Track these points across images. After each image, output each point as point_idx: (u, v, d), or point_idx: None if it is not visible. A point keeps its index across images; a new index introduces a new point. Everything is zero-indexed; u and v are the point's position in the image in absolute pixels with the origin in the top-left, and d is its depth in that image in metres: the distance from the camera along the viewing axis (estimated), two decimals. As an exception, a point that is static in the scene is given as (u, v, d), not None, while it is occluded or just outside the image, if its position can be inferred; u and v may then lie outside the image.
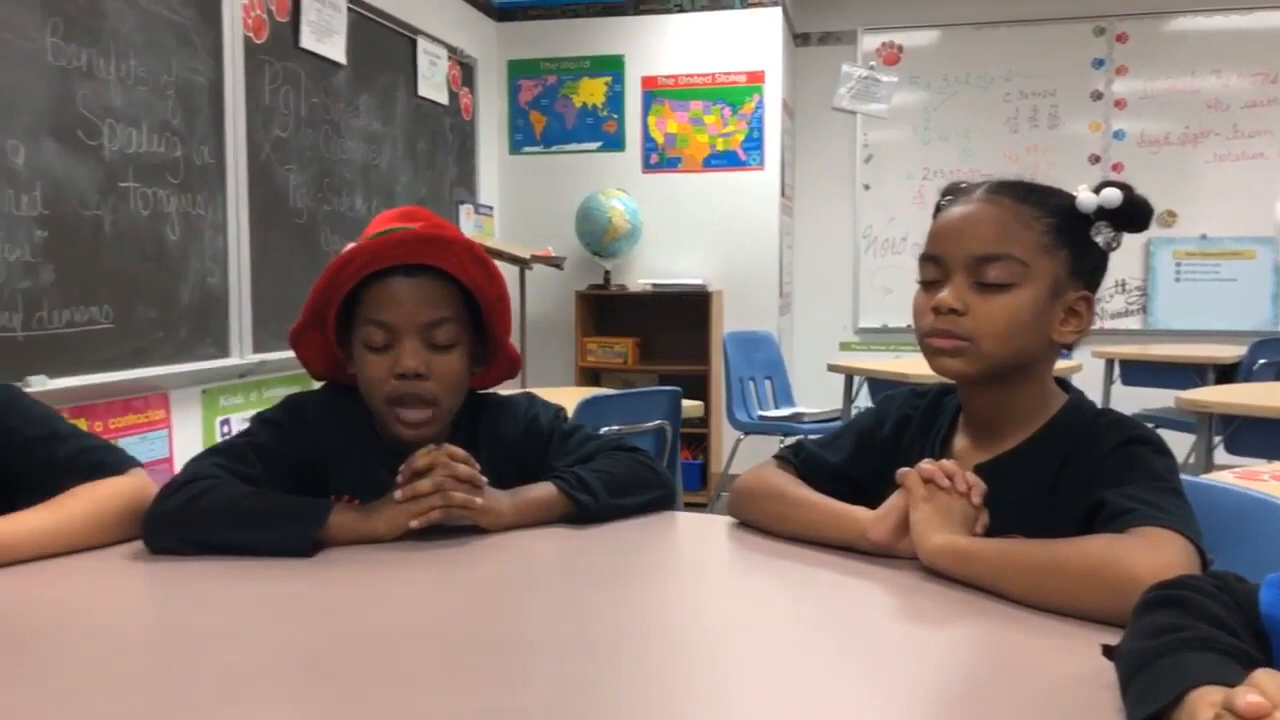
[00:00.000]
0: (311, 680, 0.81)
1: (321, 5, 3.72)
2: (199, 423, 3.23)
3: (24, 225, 2.49)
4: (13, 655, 0.88)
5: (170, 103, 2.98)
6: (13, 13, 2.44)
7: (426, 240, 1.26)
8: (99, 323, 2.74)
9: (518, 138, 5.48)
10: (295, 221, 3.64)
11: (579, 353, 5.21)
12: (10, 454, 1.20)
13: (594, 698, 0.76)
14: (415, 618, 0.97)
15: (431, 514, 1.18)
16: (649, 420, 2.69)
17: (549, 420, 1.41)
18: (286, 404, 1.35)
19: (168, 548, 1.16)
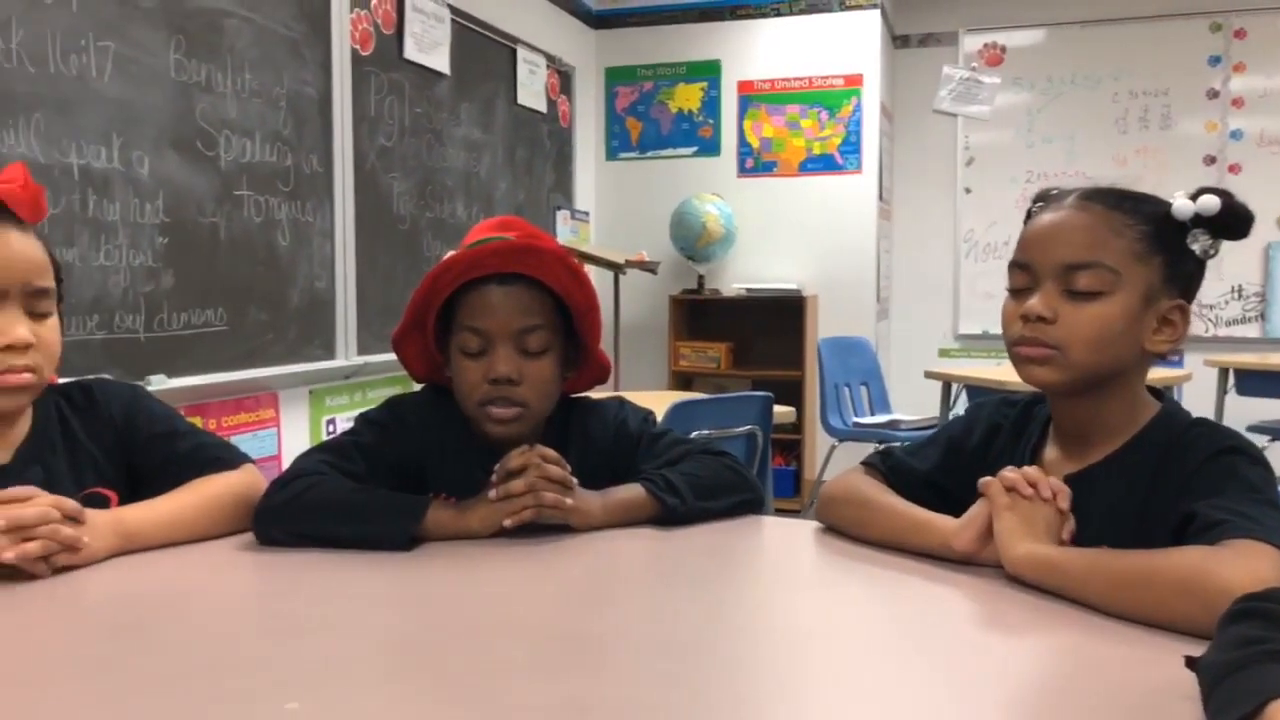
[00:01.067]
0: (410, 666, 0.85)
1: (425, 17, 3.83)
2: (306, 421, 3.36)
3: (147, 232, 2.63)
4: (134, 635, 0.95)
5: (282, 114, 3.11)
6: (141, 33, 2.58)
7: (521, 250, 1.30)
8: (214, 325, 2.88)
9: (614, 144, 5.54)
10: (398, 228, 3.75)
11: (671, 357, 5.24)
12: (135, 449, 1.29)
13: (679, 692, 0.79)
14: (507, 610, 1.01)
15: (524, 513, 1.22)
16: (740, 425, 2.70)
17: (638, 424, 1.44)
18: (388, 405, 1.41)
19: (275, 539, 1.23)
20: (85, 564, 1.11)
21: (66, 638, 0.96)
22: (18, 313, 1.15)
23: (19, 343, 1.14)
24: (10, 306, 1.15)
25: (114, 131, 2.51)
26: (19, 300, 1.16)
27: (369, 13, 3.53)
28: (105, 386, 1.32)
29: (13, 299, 1.15)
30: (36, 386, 1.19)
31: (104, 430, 1.28)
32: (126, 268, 2.57)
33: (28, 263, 1.17)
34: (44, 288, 1.18)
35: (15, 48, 2.25)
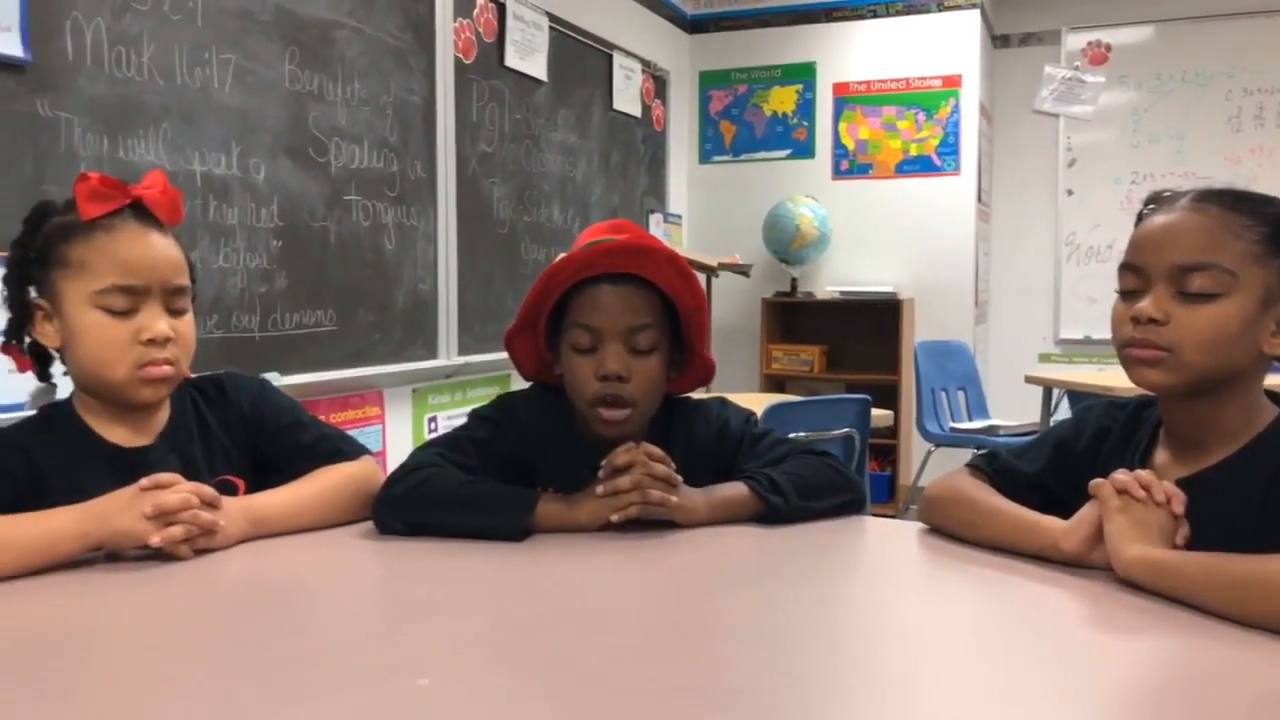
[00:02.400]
0: (525, 649, 0.89)
1: (525, 25, 3.91)
2: (409, 419, 3.46)
3: (262, 236, 2.75)
4: (268, 615, 1.01)
5: (389, 121, 3.21)
6: (259, 45, 2.70)
7: (632, 250, 1.34)
8: (324, 325, 2.99)
9: (707, 147, 5.56)
10: (498, 232, 3.84)
11: (764, 360, 5.24)
12: (262, 439, 1.36)
13: (786, 683, 0.81)
14: (616, 600, 1.05)
15: (630, 509, 1.25)
16: (836, 428, 2.70)
17: (739, 424, 1.46)
18: (499, 402, 1.46)
19: (394, 528, 1.28)
20: (220, 548, 1.18)
21: (208, 616, 1.02)
22: (159, 309, 1.23)
23: (160, 337, 1.22)
24: (152, 303, 1.23)
25: (233, 140, 2.63)
26: (159, 298, 1.23)
27: (471, 21, 3.62)
28: (235, 380, 1.40)
29: (154, 296, 1.23)
30: (175, 378, 1.27)
31: (234, 421, 1.36)
32: (243, 269, 2.69)
33: (168, 262, 1.25)
34: (182, 285, 1.26)
35: (146, 61, 2.38)
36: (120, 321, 1.21)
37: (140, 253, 1.22)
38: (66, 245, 1.22)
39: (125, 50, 2.33)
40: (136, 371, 1.22)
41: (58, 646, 0.92)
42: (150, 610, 1.02)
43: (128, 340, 1.21)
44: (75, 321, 1.21)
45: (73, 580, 1.09)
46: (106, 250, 1.21)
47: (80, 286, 1.21)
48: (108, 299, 1.20)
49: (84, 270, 1.21)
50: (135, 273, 1.21)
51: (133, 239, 1.22)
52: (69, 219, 1.23)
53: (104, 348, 1.21)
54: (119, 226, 1.22)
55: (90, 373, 1.23)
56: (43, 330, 1.24)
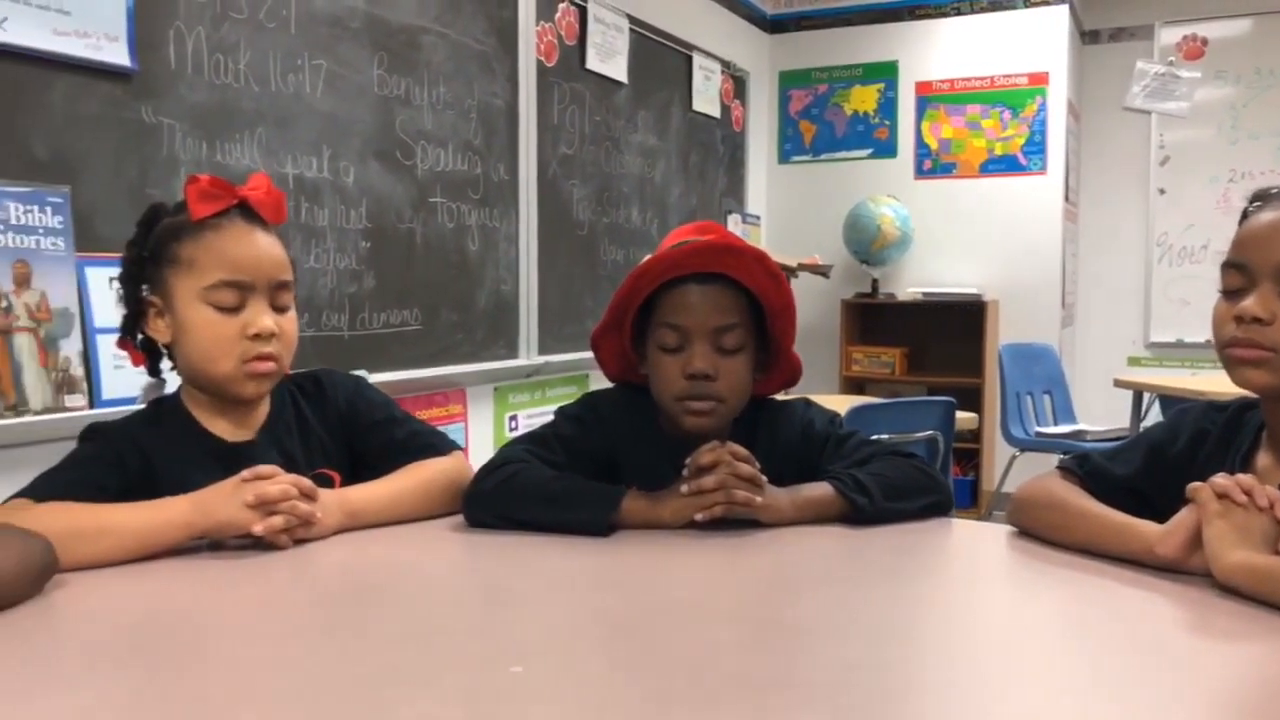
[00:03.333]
0: (616, 640, 0.91)
1: (606, 27, 3.94)
2: (491, 417, 3.52)
3: (352, 237, 2.82)
4: (365, 603, 1.05)
5: (473, 125, 3.27)
6: (350, 51, 2.77)
7: (719, 250, 1.35)
8: (409, 325, 3.05)
9: (787, 147, 5.54)
10: (577, 233, 3.87)
11: (844, 362, 5.19)
12: (357, 433, 1.40)
13: (874, 679, 0.81)
14: (704, 594, 1.05)
15: (715, 509, 1.26)
16: (919, 431, 2.67)
17: (824, 425, 1.46)
18: (585, 401, 1.48)
19: (483, 522, 1.31)
20: (317, 538, 1.22)
21: (308, 603, 1.06)
22: (264, 305, 1.28)
23: (265, 332, 1.26)
24: (258, 300, 1.27)
25: (324, 143, 2.71)
26: (265, 294, 1.28)
27: (553, 25, 3.66)
28: (332, 376, 1.44)
29: (259, 292, 1.27)
30: (278, 374, 1.31)
31: (331, 416, 1.40)
32: (333, 270, 2.76)
33: (273, 259, 1.29)
34: (286, 281, 1.31)
35: (243, 68, 2.46)
36: (227, 317, 1.26)
37: (246, 250, 1.27)
38: (177, 244, 1.27)
39: (223, 58, 2.41)
40: (242, 366, 1.26)
41: (169, 629, 0.96)
42: (253, 596, 1.06)
43: (234, 335, 1.25)
44: (185, 317, 1.26)
45: (179, 567, 1.13)
46: (214, 248, 1.26)
47: (190, 283, 1.26)
48: (216, 295, 1.25)
49: (193, 267, 1.26)
50: (241, 269, 1.26)
51: (239, 237, 1.27)
52: (179, 219, 1.29)
53: (211, 343, 1.26)
54: (226, 225, 1.27)
55: (197, 367, 1.28)
56: (155, 326, 1.29)
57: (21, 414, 1.91)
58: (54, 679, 0.83)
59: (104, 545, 1.11)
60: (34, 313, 1.95)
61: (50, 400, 1.96)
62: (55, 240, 2.00)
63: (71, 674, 0.84)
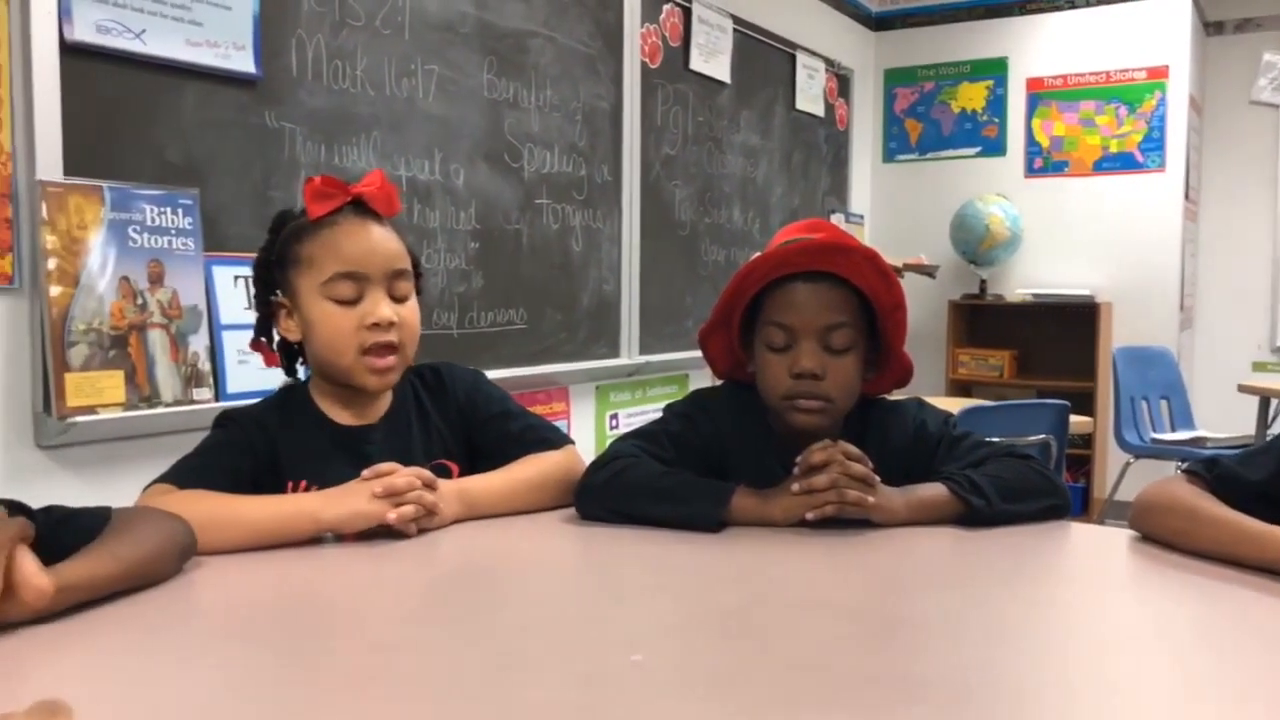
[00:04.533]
0: (733, 632, 0.91)
1: (710, 28, 3.95)
2: (592, 415, 3.55)
3: (461, 238, 2.88)
4: (485, 590, 1.07)
5: (578, 127, 3.31)
6: (461, 56, 2.83)
7: (828, 248, 1.34)
8: (515, 324, 3.10)
9: (891, 145, 5.46)
10: (679, 233, 3.89)
11: (950, 364, 5.09)
12: (475, 426, 1.44)
13: (999, 678, 0.80)
14: (817, 591, 1.05)
15: (826, 508, 1.25)
16: (1031, 435, 2.60)
17: (938, 425, 1.43)
18: (693, 398, 1.49)
19: (595, 515, 1.33)
20: (438, 527, 1.26)
21: (432, 588, 1.09)
22: (381, 295, 1.32)
23: (383, 321, 1.30)
24: (375, 290, 1.31)
25: (435, 146, 2.77)
26: (382, 284, 1.32)
27: (657, 26, 3.69)
28: (452, 369, 1.48)
29: (375, 283, 1.32)
30: (401, 364, 1.35)
31: (450, 408, 1.44)
32: (444, 270, 2.83)
33: (387, 250, 1.33)
34: (403, 270, 1.34)
35: (360, 74, 2.53)
36: (346, 310, 1.30)
37: (359, 243, 1.31)
38: (299, 244, 1.33)
39: (341, 64, 2.49)
40: (361, 358, 1.30)
41: (300, 610, 1.00)
42: (377, 581, 1.10)
43: (353, 327, 1.30)
44: (309, 313, 1.31)
45: (307, 554, 1.18)
46: (330, 244, 1.30)
47: (311, 280, 1.31)
48: (334, 288, 1.30)
49: (313, 265, 1.31)
50: (355, 261, 1.30)
51: (352, 231, 1.31)
52: (300, 221, 1.34)
53: (333, 335, 1.30)
54: (341, 222, 1.32)
55: (324, 360, 1.33)
56: (286, 326, 1.35)
57: (154, 406, 2.01)
58: (194, 653, 0.87)
59: (239, 533, 1.16)
60: (166, 309, 2.05)
61: (180, 393, 2.06)
62: (185, 240, 2.10)
63: (210, 649, 0.89)
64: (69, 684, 0.82)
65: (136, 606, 0.96)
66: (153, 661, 0.85)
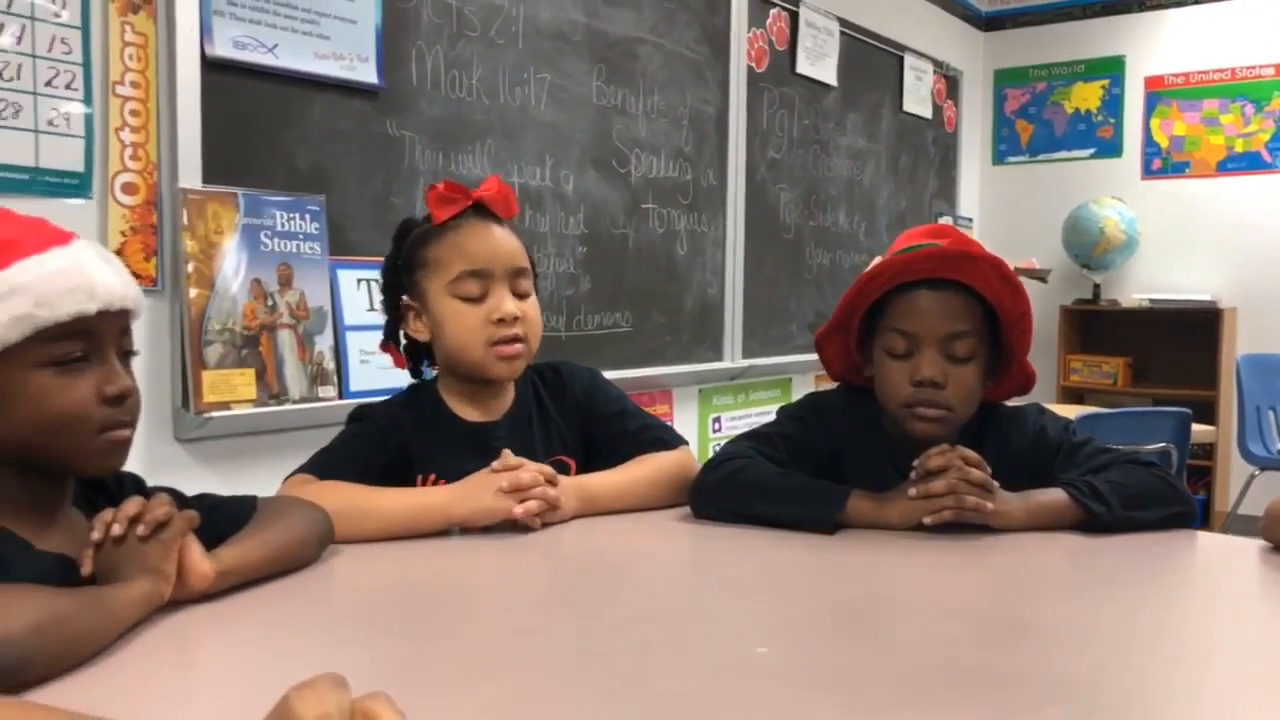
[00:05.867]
0: (855, 630, 0.92)
1: (816, 31, 3.94)
2: (695, 418, 3.57)
3: (570, 243, 2.94)
4: (601, 584, 1.11)
5: (684, 132, 3.34)
6: (572, 64, 2.89)
7: (954, 256, 1.33)
8: (620, 326, 3.15)
9: (1001, 147, 5.34)
10: (783, 237, 3.88)
11: (1061, 371, 4.96)
12: (592, 423, 1.48)
13: (1124, 682, 0.79)
14: (935, 592, 1.06)
15: (944, 513, 1.25)
16: (1150, 444, 2.53)
17: (1057, 432, 1.42)
18: (807, 401, 1.50)
19: (708, 514, 1.35)
20: (559, 522, 1.30)
21: (555, 580, 1.14)
22: (505, 291, 1.37)
23: (508, 315, 1.35)
24: (499, 287, 1.37)
25: (546, 153, 2.84)
26: (504, 281, 1.37)
27: (764, 30, 3.69)
28: (570, 367, 1.52)
29: (499, 280, 1.37)
30: (526, 355, 1.40)
31: (568, 405, 1.48)
32: (553, 274, 2.88)
33: (508, 248, 1.39)
34: (523, 268, 1.40)
35: (475, 83, 2.61)
36: (473, 307, 1.36)
37: (482, 242, 1.37)
38: (424, 248, 1.39)
39: (458, 74, 2.56)
40: (489, 350, 1.36)
41: (436, 598, 1.05)
42: (503, 572, 1.15)
43: (480, 322, 1.35)
44: (437, 312, 1.37)
45: (435, 545, 1.23)
46: (455, 245, 1.36)
47: (438, 281, 1.37)
48: (460, 286, 1.35)
49: (439, 266, 1.37)
50: (479, 259, 1.36)
51: (475, 232, 1.37)
52: (425, 227, 1.41)
53: (461, 331, 1.36)
54: (464, 224, 1.38)
55: (453, 356, 1.39)
56: (415, 327, 1.41)
57: (282, 402, 2.10)
58: (335, 632, 0.93)
59: (375, 524, 1.22)
60: (294, 311, 2.15)
61: (306, 390, 2.15)
62: (312, 245, 2.20)
63: (350, 629, 0.94)
64: (228, 657, 0.88)
65: (281, 590, 1.02)
66: (298, 639, 0.91)
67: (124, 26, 1.93)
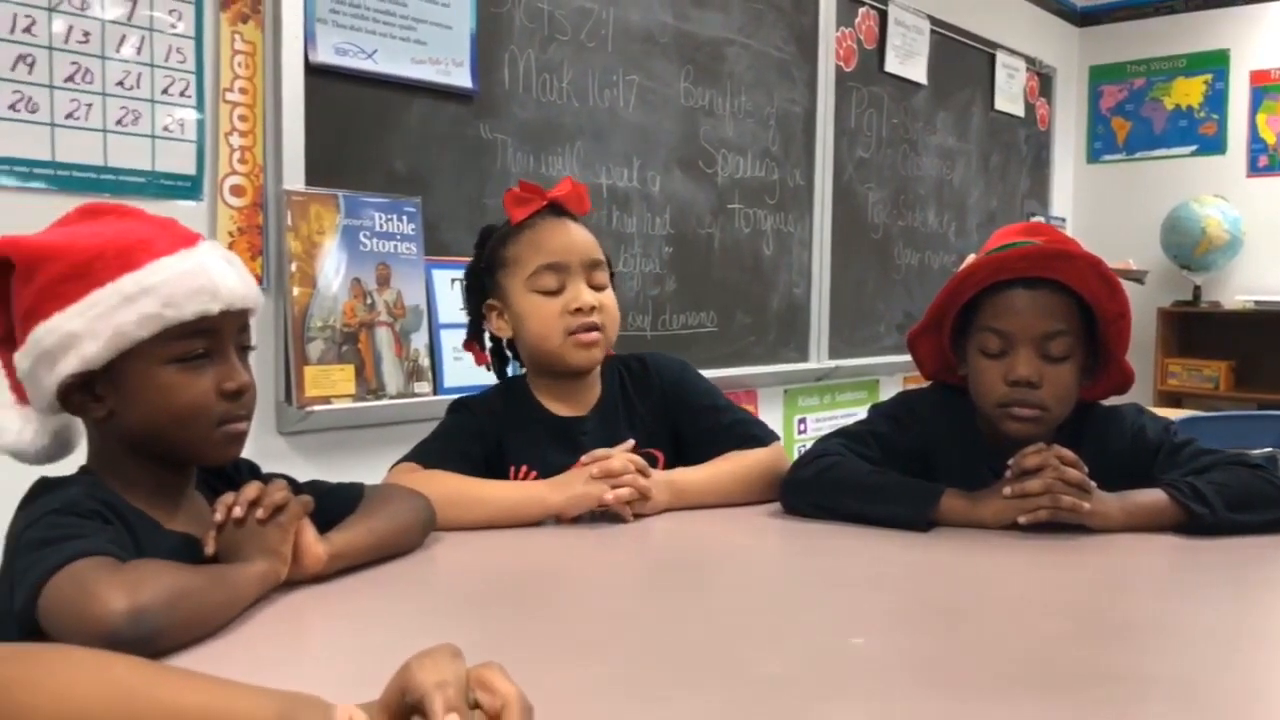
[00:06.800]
0: (949, 625, 0.92)
1: (906, 29, 3.90)
2: (780, 420, 3.56)
3: (656, 243, 2.96)
4: (693, 574, 1.13)
5: (771, 132, 3.34)
6: (660, 66, 2.92)
7: (1051, 255, 1.31)
8: (705, 326, 3.16)
9: (1097, 145, 5.21)
10: (871, 237, 3.85)
11: (1159, 375, 4.81)
12: (681, 416, 1.49)
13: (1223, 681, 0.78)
14: (1031, 590, 1.05)
15: (1040, 513, 1.23)
16: (1254, 448, 2.44)
17: (1157, 432, 1.39)
18: (900, 400, 1.49)
19: (800, 510, 1.36)
20: (651, 513, 1.32)
21: (650, 568, 1.16)
22: (582, 283, 1.40)
23: (585, 305, 1.39)
24: (575, 280, 1.40)
25: (634, 154, 2.86)
26: (581, 274, 1.41)
27: (852, 30, 3.67)
28: (657, 358, 1.55)
29: (575, 273, 1.40)
30: (604, 344, 1.43)
31: (655, 397, 1.50)
32: (639, 274, 2.91)
33: (584, 242, 1.43)
34: (599, 259, 1.43)
35: (566, 86, 2.65)
36: (551, 299, 1.40)
37: (558, 237, 1.41)
38: (504, 248, 1.44)
39: (549, 77, 2.61)
40: (569, 338, 1.39)
41: (534, 584, 1.08)
42: (599, 560, 1.17)
43: (558, 313, 1.39)
44: (518, 308, 1.42)
45: (532, 534, 1.27)
46: (532, 242, 1.41)
47: (518, 278, 1.41)
48: (538, 281, 1.40)
49: (518, 263, 1.41)
50: (555, 253, 1.40)
51: (550, 228, 1.42)
52: (504, 229, 1.46)
53: (541, 323, 1.40)
54: (540, 222, 1.43)
55: (535, 348, 1.42)
56: (499, 325, 1.46)
57: (380, 398, 2.17)
58: (439, 614, 0.97)
59: (476, 513, 1.27)
60: (392, 309, 2.21)
61: (403, 386, 2.21)
62: (409, 245, 2.26)
63: (453, 612, 0.98)
64: (341, 632, 0.92)
65: (387, 573, 1.06)
66: (405, 617, 0.95)
67: (234, 35, 2.02)
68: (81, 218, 0.98)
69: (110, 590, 0.78)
